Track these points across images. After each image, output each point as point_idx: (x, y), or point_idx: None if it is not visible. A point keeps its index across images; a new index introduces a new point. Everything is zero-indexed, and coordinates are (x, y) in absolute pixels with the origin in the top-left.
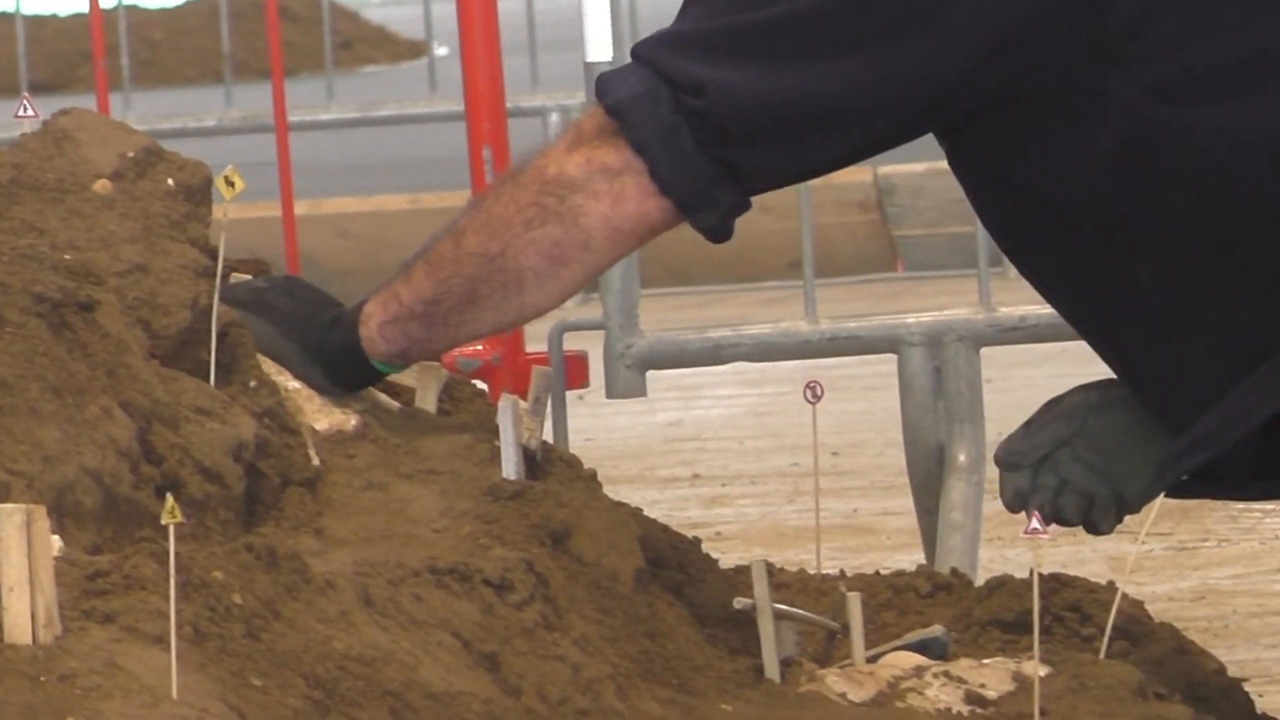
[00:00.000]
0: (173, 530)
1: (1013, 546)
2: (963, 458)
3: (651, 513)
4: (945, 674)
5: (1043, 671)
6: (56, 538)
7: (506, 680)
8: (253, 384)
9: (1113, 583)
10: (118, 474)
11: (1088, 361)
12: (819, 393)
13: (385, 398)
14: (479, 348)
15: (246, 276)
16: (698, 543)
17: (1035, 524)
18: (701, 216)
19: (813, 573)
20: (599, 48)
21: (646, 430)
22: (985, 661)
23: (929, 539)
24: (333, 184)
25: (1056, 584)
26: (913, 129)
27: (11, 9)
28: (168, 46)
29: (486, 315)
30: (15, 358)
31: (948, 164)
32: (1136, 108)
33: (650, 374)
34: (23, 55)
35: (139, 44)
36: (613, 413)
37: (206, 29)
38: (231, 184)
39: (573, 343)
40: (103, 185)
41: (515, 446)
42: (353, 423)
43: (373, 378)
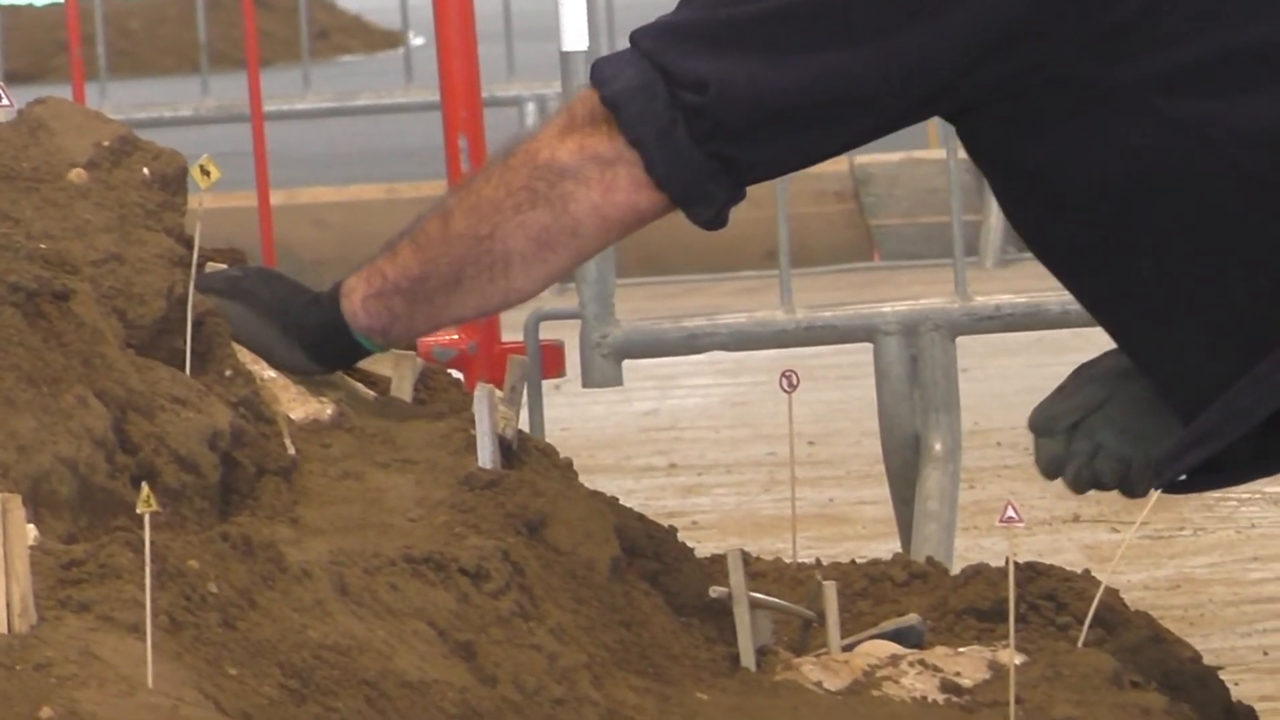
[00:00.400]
0: (148, 519)
1: (988, 535)
2: (938, 446)
3: (628, 502)
4: (921, 662)
5: (1018, 660)
6: (32, 527)
7: (482, 669)
8: (228, 373)
9: (1089, 571)
10: (93, 463)
11: (1064, 351)
12: (795, 382)
13: (361, 387)
14: (455, 337)
15: (222, 266)
16: (673, 532)
17: (1011, 513)
18: (698, 210)
19: (788, 561)
20: (575, 37)
21: (623, 420)
22: (961, 650)
23: (905, 528)
24: (308, 173)
25: (1032, 573)
26: (911, 120)
27: None
28: (144, 36)
29: (471, 297)
30: None
31: (961, 145)
32: (1141, 100)
33: (626, 363)
34: None
35: (115, 33)
36: (589, 402)
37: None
38: (207, 173)
39: (549, 332)
40: (78, 174)
41: (491, 435)
42: (328, 412)
43: (355, 355)
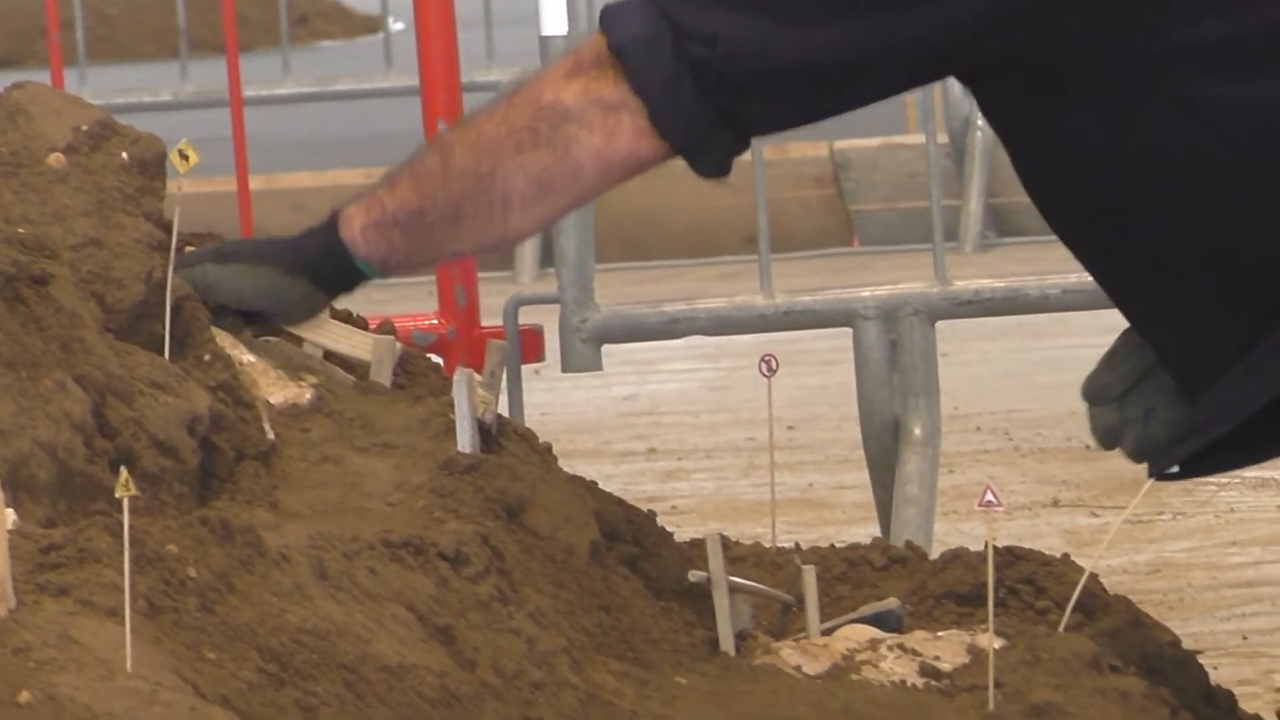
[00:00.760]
0: (127, 504)
1: (968, 520)
2: (918, 431)
3: (607, 487)
4: (900, 646)
5: (997, 644)
6: (11, 511)
7: (461, 653)
8: (207, 358)
9: (1068, 556)
10: (72, 448)
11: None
12: (774, 366)
13: (340, 371)
14: (434, 321)
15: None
16: (653, 516)
17: (989, 497)
18: (700, 162)
19: (768, 546)
20: (554, 22)
21: (602, 404)
22: (940, 634)
23: (884, 512)
24: (288, 159)
25: (1011, 557)
26: (917, 85)
27: None
28: (123, 22)
29: (469, 235)
30: None
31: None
32: (1148, 77)
33: (606, 348)
34: None
35: (94, 19)
36: (569, 387)
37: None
38: (186, 157)
39: (528, 317)
40: (56, 159)
41: (470, 420)
42: (307, 396)
43: (356, 279)
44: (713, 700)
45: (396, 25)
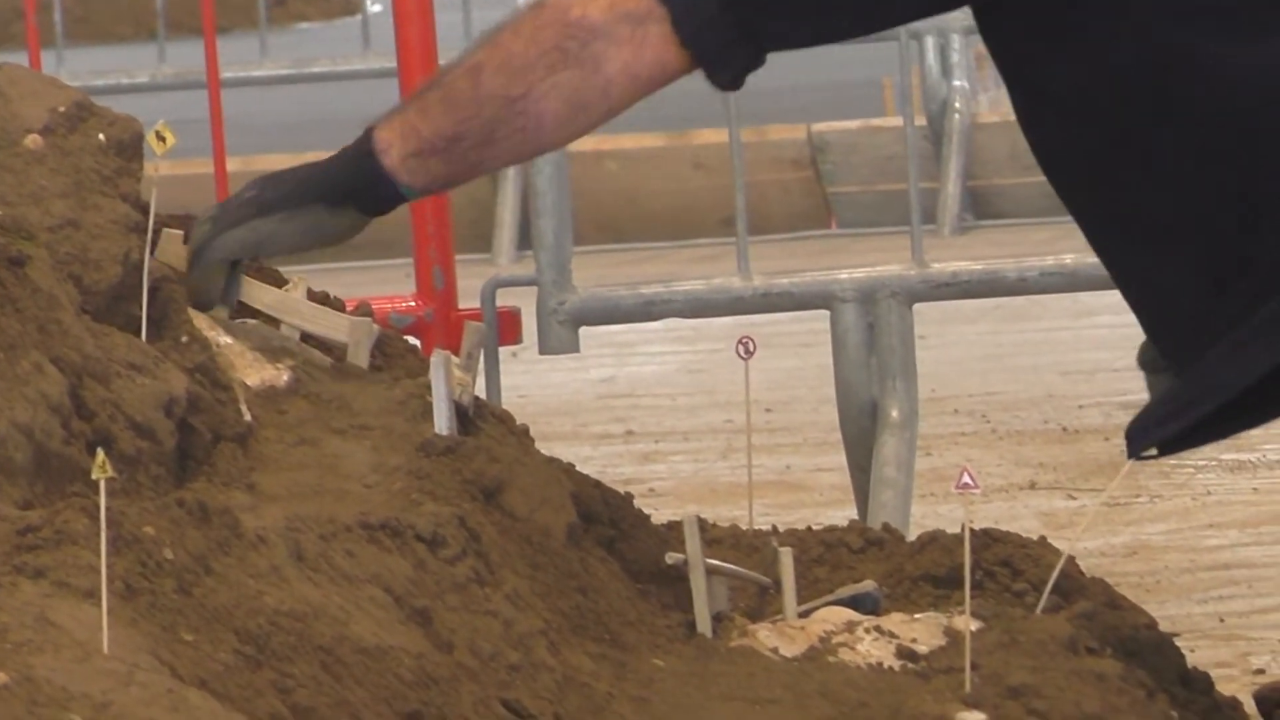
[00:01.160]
0: (104, 485)
1: (945, 502)
2: (895, 414)
3: (585, 469)
4: (877, 629)
5: (974, 626)
6: None
7: (438, 635)
8: (184, 339)
9: (1045, 538)
10: (49, 429)
11: (1021, 318)
12: (751, 348)
13: (317, 354)
14: (411, 304)
15: (178, 232)
16: (630, 498)
17: (966, 479)
18: (717, 74)
19: (745, 528)
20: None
21: (580, 387)
22: (917, 616)
23: (861, 495)
24: (266, 140)
25: (988, 539)
26: (934, 12)
27: None
28: (101, 3)
29: (504, 154)
30: None
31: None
32: (1146, 26)
33: (584, 331)
34: None
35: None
36: (546, 369)
37: None
38: (163, 139)
39: (506, 299)
40: (33, 140)
41: (447, 402)
42: (284, 378)
43: (399, 202)
44: (689, 682)
45: (374, 7)
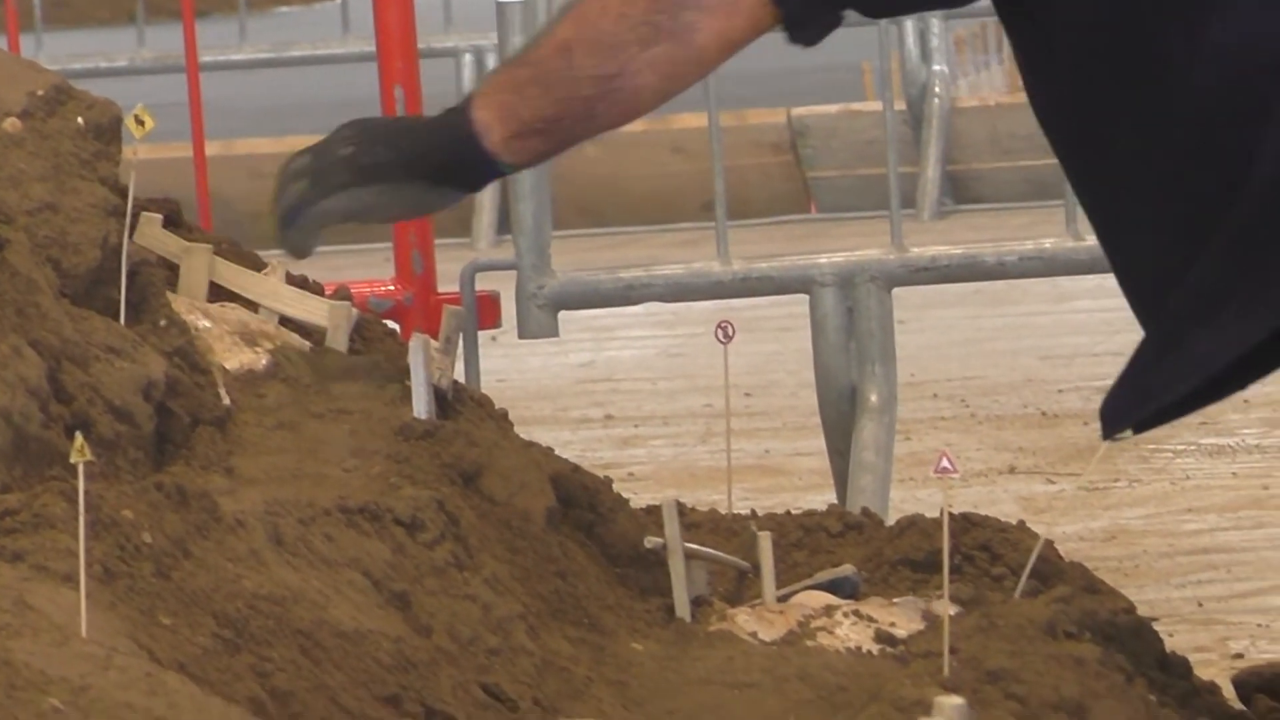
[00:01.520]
0: (82, 469)
1: (924, 487)
2: (874, 398)
3: (564, 453)
4: (855, 613)
5: (952, 610)
6: None
7: (417, 619)
8: (163, 323)
9: (1023, 523)
10: (27, 413)
11: (1000, 303)
12: (730, 332)
13: (296, 337)
14: (391, 288)
15: (156, 215)
16: (609, 482)
17: (945, 463)
18: (801, 32)
19: (724, 513)
20: None
21: (559, 371)
22: (895, 600)
23: (840, 479)
24: (245, 125)
25: (967, 524)
26: None
27: None
28: None
29: (603, 127)
30: None
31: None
32: None
33: (563, 315)
34: None
35: None
36: (526, 354)
37: None
38: (141, 123)
39: (485, 283)
40: (12, 124)
41: (426, 386)
42: (263, 362)
43: (496, 178)
44: (668, 666)
45: None
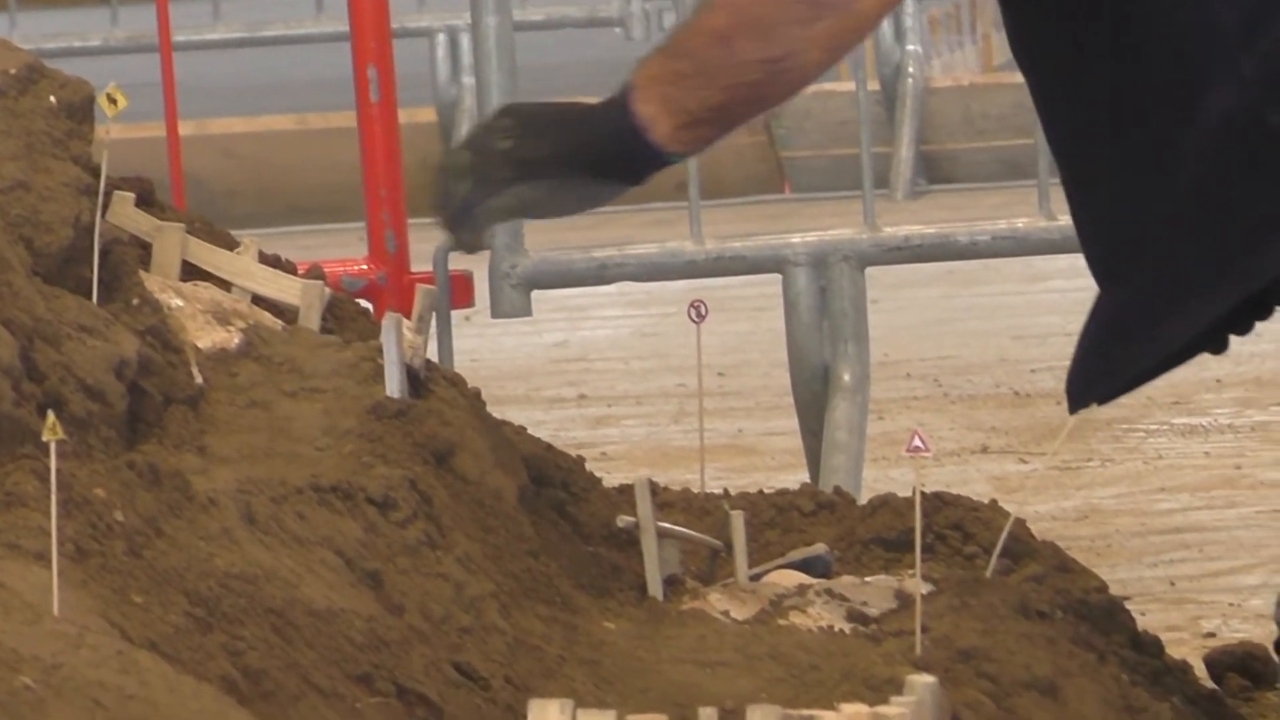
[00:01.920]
0: (54, 447)
1: (897, 466)
2: (847, 378)
3: (537, 433)
4: (828, 592)
5: (925, 589)
6: None
7: (389, 598)
8: (135, 302)
9: (995, 502)
10: None
11: (973, 283)
12: (703, 312)
13: (268, 316)
14: (364, 267)
15: (130, 195)
16: (581, 461)
17: (917, 442)
18: None
19: (697, 492)
20: None
21: (533, 351)
22: (868, 579)
23: (813, 459)
24: (219, 104)
25: (939, 503)
26: None
27: None
28: None
29: (771, 105)
30: None
31: None
32: None
33: (536, 295)
34: None
35: None
36: (499, 333)
37: None
38: (114, 101)
39: (458, 262)
40: None
41: (399, 365)
42: (236, 341)
43: (669, 164)
44: (640, 645)
45: None
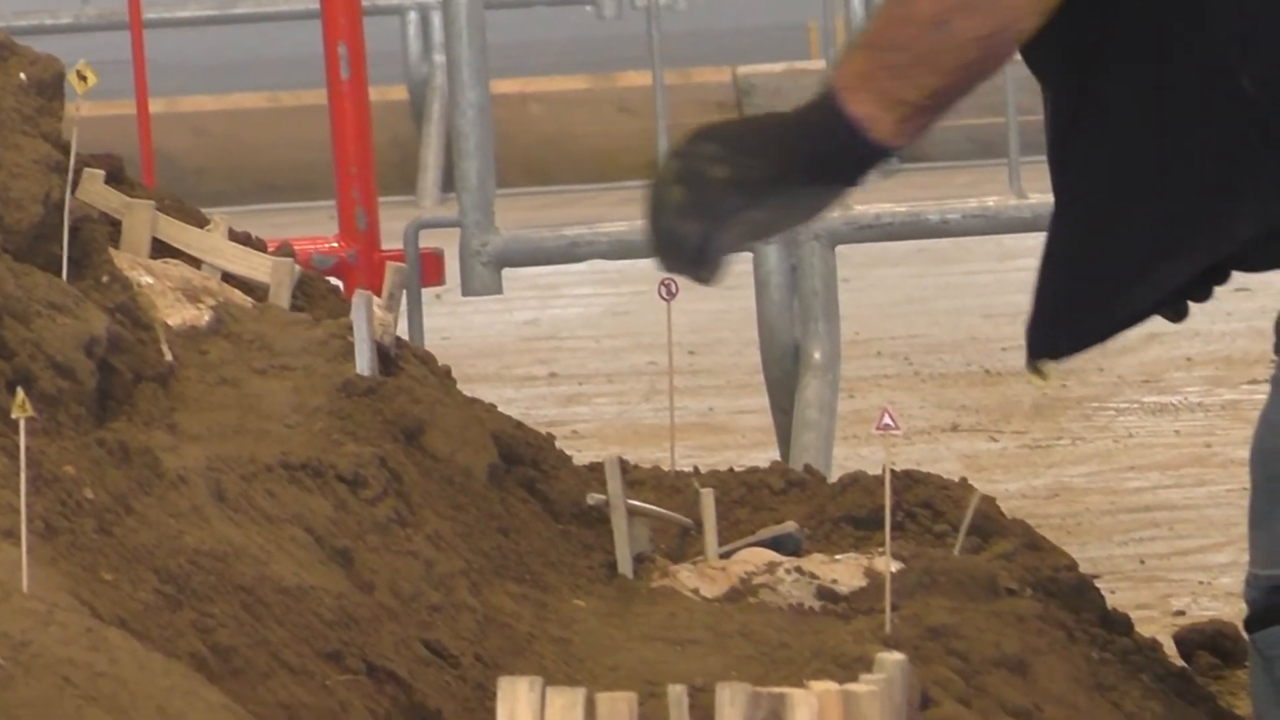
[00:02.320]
0: (24, 425)
1: (868, 444)
2: (818, 356)
3: (508, 411)
4: (798, 569)
5: (894, 567)
6: None
7: (359, 575)
8: (105, 279)
9: (966, 479)
10: None
11: (944, 261)
12: (674, 290)
13: (239, 293)
14: (334, 245)
15: (100, 172)
16: (551, 439)
17: (887, 420)
18: None
19: (667, 470)
20: None
21: (504, 329)
22: (837, 557)
23: (783, 436)
24: (190, 82)
25: (909, 481)
26: None
27: None
28: None
29: (985, 79)
30: None
31: None
32: None
33: (508, 273)
34: None
35: None
36: (470, 311)
37: None
38: (84, 78)
39: (429, 240)
40: None
41: (369, 342)
42: (206, 318)
43: (890, 159)
44: (610, 622)
45: None
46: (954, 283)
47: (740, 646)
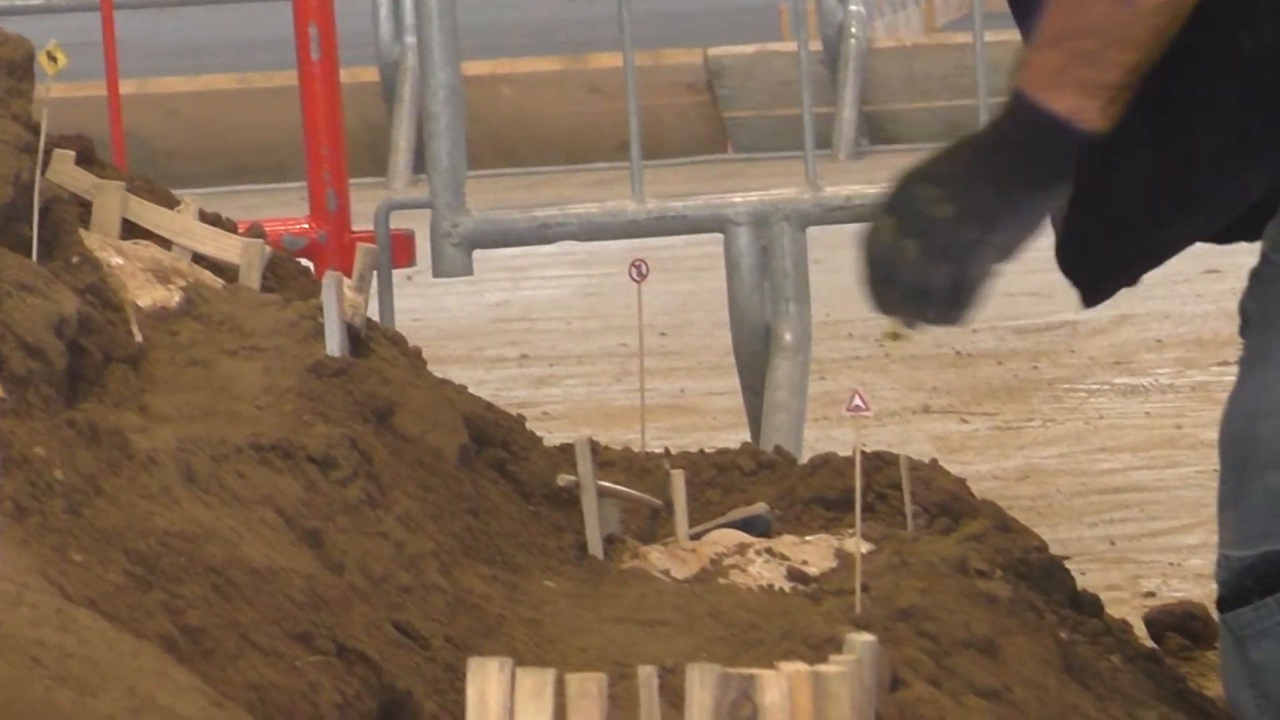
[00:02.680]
0: None
1: (839, 426)
2: (789, 337)
3: (479, 392)
4: (768, 551)
5: (865, 548)
6: None
7: (329, 557)
8: (75, 260)
9: (936, 461)
10: None
11: None
12: (644, 271)
13: (209, 274)
14: (305, 226)
15: (70, 153)
16: (522, 420)
17: (857, 401)
18: None
19: (638, 451)
20: None
21: (475, 310)
22: (808, 538)
23: (754, 418)
24: (160, 63)
25: (880, 462)
26: None
27: None
28: None
29: (1168, 38)
30: None
31: None
32: None
33: (479, 255)
34: None
35: None
36: (441, 293)
37: None
38: (54, 59)
39: (400, 221)
40: None
41: (339, 323)
42: (176, 299)
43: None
44: (581, 604)
45: None
46: None
47: (710, 628)
